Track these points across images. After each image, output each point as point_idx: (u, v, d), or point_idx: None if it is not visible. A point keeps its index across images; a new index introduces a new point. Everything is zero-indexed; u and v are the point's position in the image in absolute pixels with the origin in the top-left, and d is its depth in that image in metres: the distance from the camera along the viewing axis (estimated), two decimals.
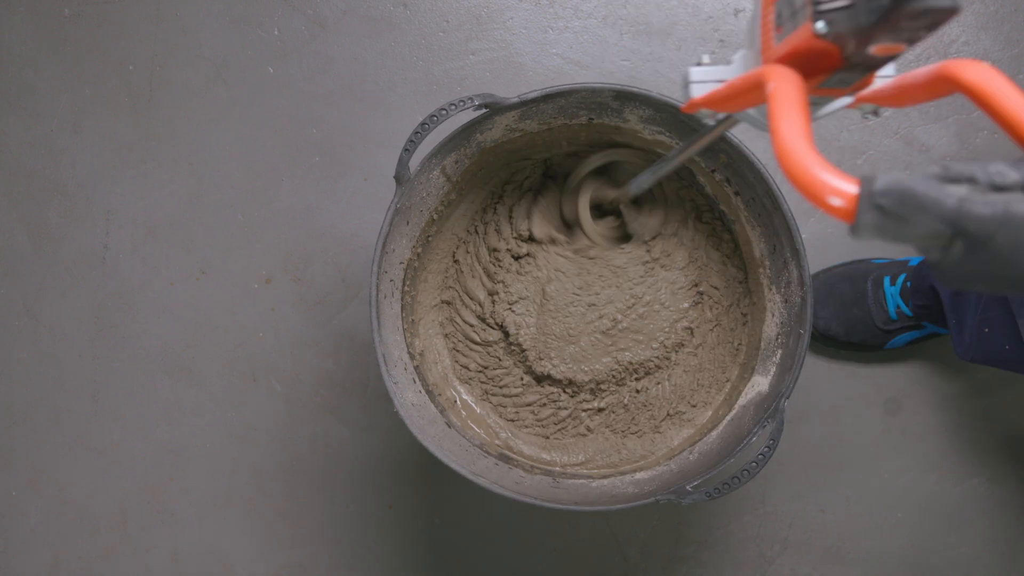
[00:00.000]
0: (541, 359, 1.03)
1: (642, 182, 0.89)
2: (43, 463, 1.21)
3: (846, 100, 0.54)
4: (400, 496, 1.18)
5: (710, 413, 1.02)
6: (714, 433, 0.95)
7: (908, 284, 1.09)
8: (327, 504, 1.18)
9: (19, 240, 1.24)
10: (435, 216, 1.00)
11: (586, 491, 0.92)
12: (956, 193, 0.36)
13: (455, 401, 1.04)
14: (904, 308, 1.10)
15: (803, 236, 0.86)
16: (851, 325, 1.13)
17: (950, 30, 1.20)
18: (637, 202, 1.03)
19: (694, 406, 1.04)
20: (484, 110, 0.86)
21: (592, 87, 0.87)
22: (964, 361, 1.15)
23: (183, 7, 1.25)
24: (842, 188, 0.39)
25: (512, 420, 1.06)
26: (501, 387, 1.06)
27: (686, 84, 0.59)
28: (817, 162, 0.40)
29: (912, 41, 0.43)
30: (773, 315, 0.94)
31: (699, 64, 0.59)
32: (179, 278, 1.22)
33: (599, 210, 1.04)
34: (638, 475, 0.95)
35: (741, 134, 0.87)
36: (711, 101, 0.58)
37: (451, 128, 0.88)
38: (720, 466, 0.84)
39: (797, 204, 1.19)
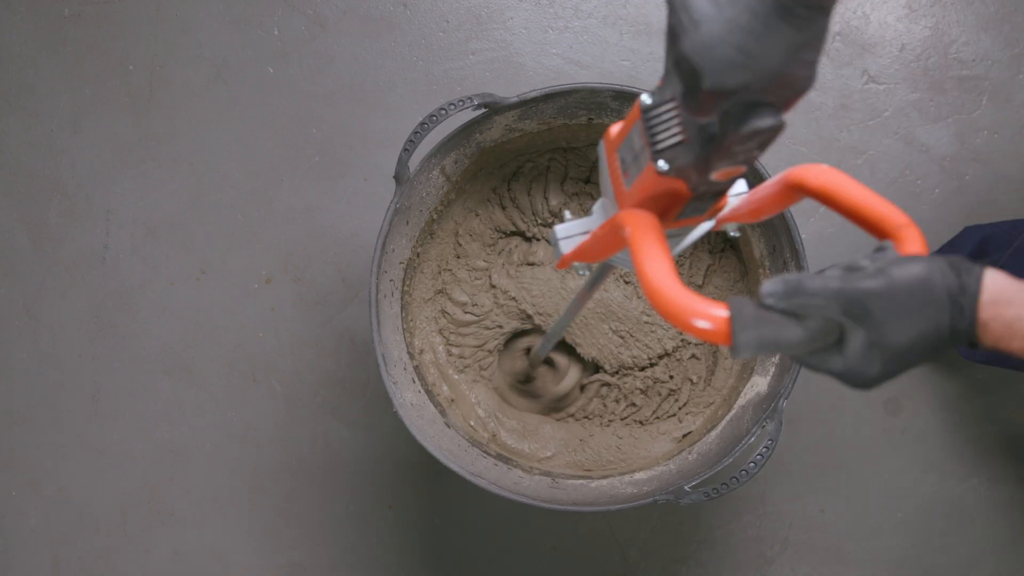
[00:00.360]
0: (540, 313, 1.06)
1: (542, 347, 0.96)
2: (43, 463, 1.21)
3: (707, 224, 0.57)
4: (400, 496, 1.18)
5: (708, 413, 1.02)
6: (713, 433, 0.95)
7: None
8: (327, 504, 1.18)
9: (19, 240, 1.24)
10: (435, 216, 1.00)
11: (585, 491, 0.92)
12: (834, 275, 0.40)
13: (448, 393, 1.05)
14: None
15: (803, 236, 0.86)
16: None
17: (950, 30, 1.20)
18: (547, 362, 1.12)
19: (689, 411, 1.04)
20: (483, 110, 0.86)
21: (592, 87, 0.87)
22: (964, 361, 1.15)
23: (183, 7, 1.25)
24: (715, 313, 0.42)
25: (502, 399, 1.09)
26: (488, 352, 1.09)
27: (555, 242, 0.61)
28: (687, 295, 0.42)
29: (748, 161, 0.44)
30: None
31: (563, 221, 0.61)
32: (179, 278, 1.22)
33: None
34: (637, 475, 0.95)
35: None
36: (581, 254, 0.59)
37: (451, 128, 0.88)
38: (719, 466, 0.84)
39: (796, 206, 1.19)
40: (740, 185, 0.56)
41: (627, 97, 0.88)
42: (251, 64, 1.23)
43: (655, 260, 0.44)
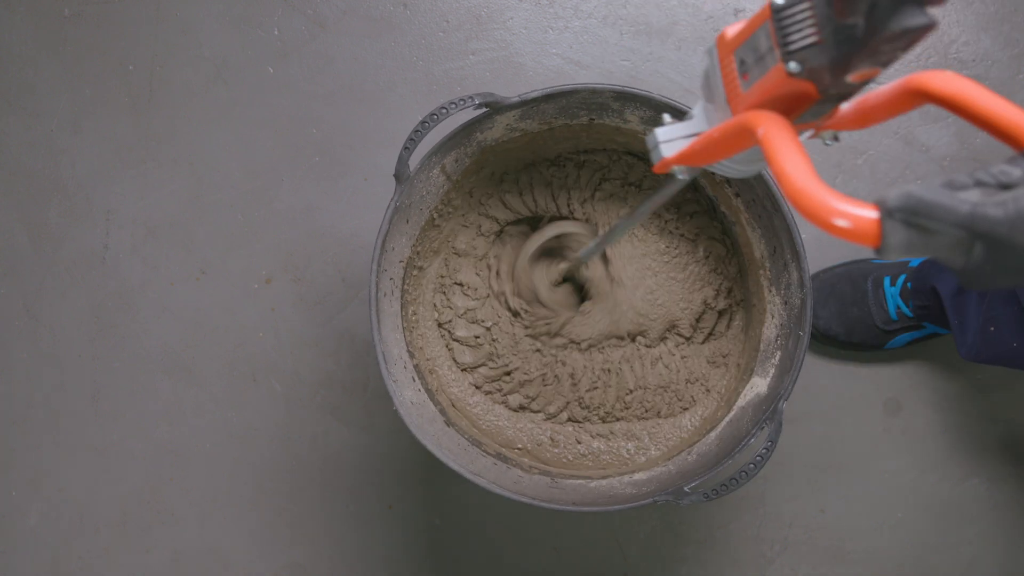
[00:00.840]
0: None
1: (593, 249, 0.92)
2: (43, 463, 1.22)
3: (807, 132, 0.55)
4: (400, 496, 1.18)
5: (708, 413, 1.02)
6: (712, 434, 0.95)
7: (908, 285, 1.09)
8: (327, 504, 1.18)
9: (19, 240, 1.24)
10: (435, 215, 1.00)
11: (584, 491, 0.92)
12: (968, 198, 0.37)
13: (447, 392, 1.05)
14: (904, 308, 1.10)
15: (803, 237, 0.86)
16: (851, 325, 1.13)
17: (950, 30, 1.20)
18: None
19: (687, 408, 1.04)
20: (484, 109, 0.86)
21: (593, 87, 0.87)
22: (965, 361, 1.15)
23: (183, 7, 1.25)
24: (862, 215, 0.39)
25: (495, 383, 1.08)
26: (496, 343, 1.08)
27: (655, 146, 0.59)
28: (832, 195, 0.40)
29: (888, 63, 0.43)
30: (773, 317, 0.94)
31: (662, 125, 0.60)
32: (179, 278, 1.22)
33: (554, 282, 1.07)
34: (636, 475, 0.95)
35: None
36: (686, 157, 0.58)
37: (451, 127, 0.88)
38: (718, 467, 0.84)
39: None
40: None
41: (628, 98, 0.88)
42: (251, 64, 1.23)
43: (797, 161, 0.43)
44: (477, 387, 1.07)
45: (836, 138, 0.57)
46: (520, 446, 1.03)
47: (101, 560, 1.20)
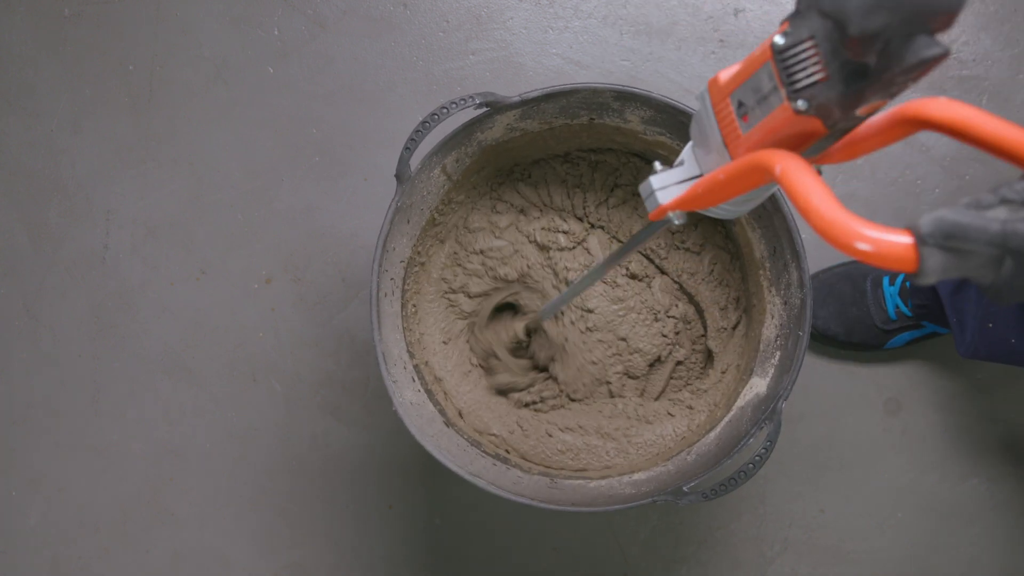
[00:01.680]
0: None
1: (556, 304, 0.93)
2: (43, 463, 1.22)
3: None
4: (400, 496, 1.18)
5: (706, 414, 1.02)
6: (712, 434, 0.95)
7: (907, 284, 1.09)
8: (327, 504, 1.18)
9: (19, 240, 1.24)
10: (435, 215, 1.00)
11: (583, 492, 0.92)
12: (997, 216, 0.38)
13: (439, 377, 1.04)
14: (903, 308, 1.10)
15: (803, 237, 0.86)
16: (851, 325, 1.13)
17: (950, 31, 1.20)
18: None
19: (691, 406, 1.04)
20: (485, 109, 0.85)
21: (593, 87, 0.87)
22: (965, 360, 1.15)
23: (183, 7, 1.25)
24: (897, 241, 0.40)
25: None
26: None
27: (650, 194, 0.60)
28: (866, 226, 0.41)
29: (899, 93, 0.43)
30: (772, 317, 0.94)
31: (655, 173, 0.60)
32: (179, 278, 1.22)
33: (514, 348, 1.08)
34: (636, 476, 0.95)
35: None
36: (685, 202, 0.58)
37: (452, 127, 0.88)
38: (717, 467, 0.84)
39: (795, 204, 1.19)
40: None
41: (628, 97, 0.88)
42: (251, 64, 1.23)
43: (822, 195, 0.43)
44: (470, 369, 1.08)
45: (819, 172, 0.59)
46: (495, 432, 1.03)
47: (101, 560, 1.20)
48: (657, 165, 0.61)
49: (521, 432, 1.03)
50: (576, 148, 1.04)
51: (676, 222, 0.61)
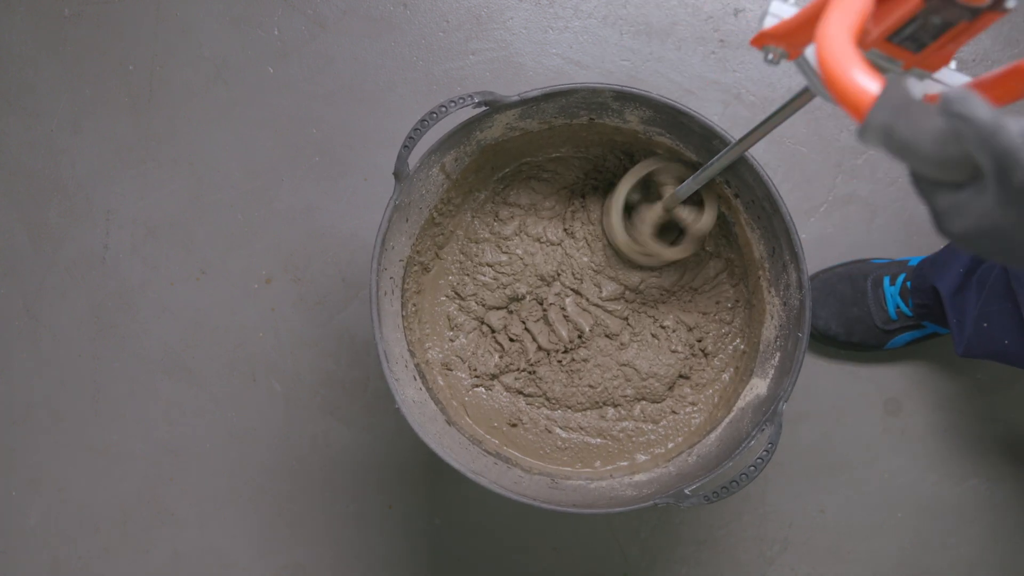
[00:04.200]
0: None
1: (691, 185, 0.88)
2: (43, 463, 1.22)
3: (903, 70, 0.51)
4: (400, 496, 1.18)
5: (707, 414, 1.02)
6: (712, 435, 0.95)
7: (908, 284, 1.09)
8: (327, 504, 1.18)
9: (19, 240, 1.24)
10: (435, 215, 1.00)
11: (584, 493, 0.92)
12: (1019, 127, 0.34)
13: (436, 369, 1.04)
14: (904, 308, 1.10)
15: (802, 237, 0.86)
16: (851, 325, 1.13)
17: None
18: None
19: (694, 404, 1.04)
20: (484, 108, 0.85)
21: (593, 87, 0.87)
22: (965, 360, 1.15)
23: (183, 7, 1.25)
24: (863, 85, 0.38)
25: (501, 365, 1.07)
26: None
27: (763, 16, 0.57)
28: (852, 58, 0.38)
29: None
30: (772, 317, 0.94)
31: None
32: (179, 278, 1.22)
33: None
34: (636, 477, 0.95)
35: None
36: (779, 32, 0.56)
37: (451, 126, 0.88)
38: (718, 469, 0.84)
39: (796, 206, 1.19)
40: (958, 75, 0.51)
41: (628, 97, 0.88)
42: (251, 64, 1.23)
43: (847, 10, 0.40)
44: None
45: (903, 73, 0.52)
46: (496, 425, 1.03)
47: (101, 560, 1.20)
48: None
49: (521, 427, 1.03)
50: (576, 148, 1.04)
51: (767, 60, 0.58)
